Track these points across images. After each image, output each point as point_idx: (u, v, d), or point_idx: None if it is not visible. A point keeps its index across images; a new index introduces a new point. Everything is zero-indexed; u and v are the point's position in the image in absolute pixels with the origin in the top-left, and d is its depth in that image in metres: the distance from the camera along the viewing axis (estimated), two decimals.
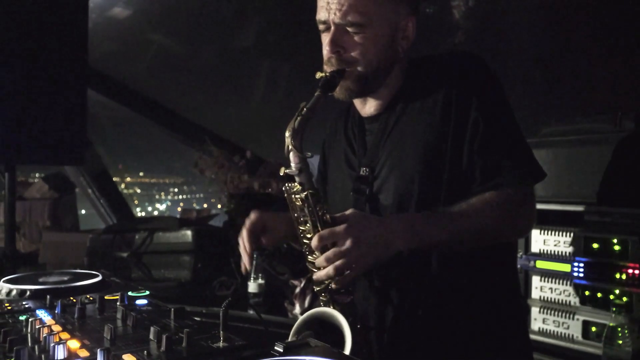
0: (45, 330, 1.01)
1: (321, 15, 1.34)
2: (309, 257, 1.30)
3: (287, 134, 1.24)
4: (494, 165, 1.29)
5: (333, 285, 1.26)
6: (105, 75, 4.24)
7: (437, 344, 1.36)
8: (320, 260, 1.22)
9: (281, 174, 1.26)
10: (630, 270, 1.81)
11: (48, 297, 1.26)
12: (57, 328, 1.08)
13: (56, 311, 1.20)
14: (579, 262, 1.93)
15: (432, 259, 1.35)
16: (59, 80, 2.46)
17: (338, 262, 1.20)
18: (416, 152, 1.34)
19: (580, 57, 2.65)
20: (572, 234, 1.97)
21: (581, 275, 1.92)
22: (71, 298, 1.31)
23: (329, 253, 1.20)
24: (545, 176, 1.35)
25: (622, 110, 1.99)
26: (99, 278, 1.48)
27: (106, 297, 1.27)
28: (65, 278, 1.47)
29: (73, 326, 1.11)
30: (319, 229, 1.24)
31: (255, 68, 3.93)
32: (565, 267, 1.98)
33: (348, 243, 1.19)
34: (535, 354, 1.79)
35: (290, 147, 1.24)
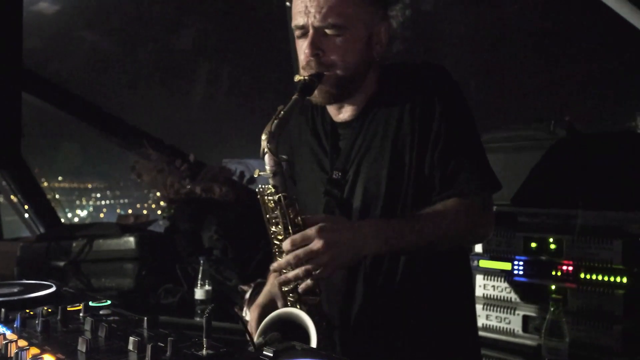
0: (14, 346, 0.95)
1: (299, 20, 1.35)
2: (279, 258, 1.31)
3: (263, 136, 1.25)
4: (453, 174, 1.36)
5: (301, 286, 1.28)
6: (29, 72, 3.97)
7: (397, 340, 1.42)
8: (290, 257, 1.23)
9: (255, 176, 1.27)
10: (564, 267, 1.96)
11: (3, 310, 1.18)
12: (22, 343, 1.01)
13: (15, 325, 1.12)
14: (519, 260, 2.07)
15: (396, 260, 1.40)
16: None
17: (308, 265, 1.22)
18: (384, 159, 1.39)
19: (514, 69, 2.84)
20: (512, 235, 2.10)
21: (521, 272, 2.06)
22: (28, 310, 1.22)
23: (300, 252, 1.21)
24: (501, 187, 1.43)
25: (555, 119, 2.16)
26: (53, 288, 1.40)
27: (69, 308, 1.20)
28: (16, 290, 1.37)
29: (39, 340, 1.04)
30: (290, 231, 1.26)
31: (194, 70, 3.85)
32: (506, 266, 2.10)
33: (319, 244, 1.21)
34: None
35: (265, 149, 1.25)
